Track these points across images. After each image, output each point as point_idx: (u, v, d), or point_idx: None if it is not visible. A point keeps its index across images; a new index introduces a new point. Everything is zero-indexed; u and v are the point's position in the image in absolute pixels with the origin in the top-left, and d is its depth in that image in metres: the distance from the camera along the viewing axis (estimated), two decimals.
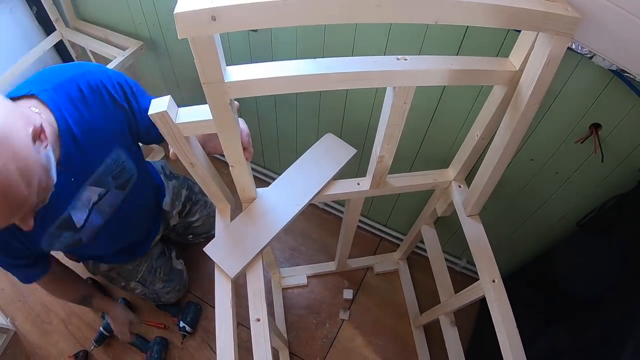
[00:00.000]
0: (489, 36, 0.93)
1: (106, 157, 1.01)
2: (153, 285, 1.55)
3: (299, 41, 1.22)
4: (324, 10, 0.56)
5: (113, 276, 1.48)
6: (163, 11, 1.44)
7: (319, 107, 1.40)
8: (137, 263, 1.49)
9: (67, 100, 0.90)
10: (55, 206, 0.98)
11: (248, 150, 0.87)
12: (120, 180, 1.09)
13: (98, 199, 1.07)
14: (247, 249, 0.97)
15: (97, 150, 0.98)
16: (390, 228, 1.81)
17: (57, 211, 1.00)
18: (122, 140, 1.04)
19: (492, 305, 0.99)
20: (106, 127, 0.98)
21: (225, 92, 0.68)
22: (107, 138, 0.99)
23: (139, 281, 1.51)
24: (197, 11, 0.53)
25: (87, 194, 1.03)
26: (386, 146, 0.92)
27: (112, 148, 1.02)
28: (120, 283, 1.51)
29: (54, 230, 1.03)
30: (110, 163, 1.03)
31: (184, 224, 1.65)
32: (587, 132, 1.00)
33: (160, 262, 1.57)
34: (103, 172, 1.03)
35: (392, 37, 1.05)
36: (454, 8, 0.62)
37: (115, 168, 1.05)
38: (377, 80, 0.74)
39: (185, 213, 1.62)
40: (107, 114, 0.97)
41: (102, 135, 0.98)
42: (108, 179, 1.05)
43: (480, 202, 1.06)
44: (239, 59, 1.41)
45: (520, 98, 0.80)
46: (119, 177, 1.08)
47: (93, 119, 0.94)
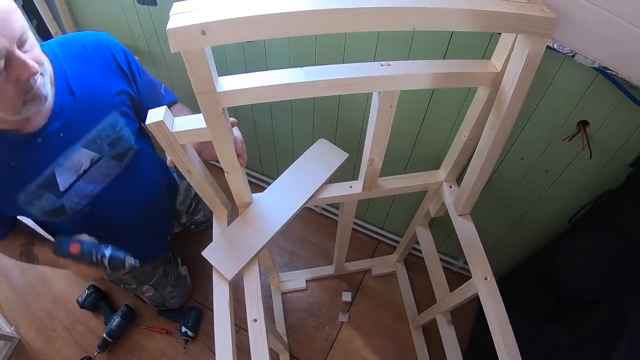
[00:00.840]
0: (475, 38, 0.96)
1: (102, 119, 1.01)
2: (164, 289, 1.58)
3: (291, 50, 1.26)
4: (306, 22, 0.60)
5: (127, 279, 1.50)
6: (160, 23, 1.48)
7: (313, 112, 1.43)
8: (155, 266, 1.52)
9: (68, 54, 0.94)
10: (40, 159, 0.95)
11: (242, 156, 0.90)
12: (116, 149, 1.06)
13: (90, 165, 1.03)
14: (244, 252, 0.99)
15: (93, 109, 0.99)
16: (387, 231, 1.84)
17: (40, 165, 0.96)
18: (121, 107, 1.04)
19: (485, 302, 1.01)
20: (106, 88, 0.99)
21: (217, 101, 0.71)
22: (105, 100, 1.00)
23: (152, 284, 1.54)
24: (188, 27, 0.56)
25: (77, 156, 1.00)
26: (375, 149, 0.95)
27: (110, 111, 1.02)
28: (132, 285, 1.54)
29: (35, 188, 0.97)
30: (107, 127, 1.02)
31: (190, 221, 1.70)
32: (575, 130, 1.01)
33: (170, 266, 1.61)
34: (98, 135, 1.01)
35: (381, 43, 1.08)
36: (429, 15, 0.64)
37: (112, 134, 1.04)
38: (363, 85, 0.77)
39: (191, 211, 1.67)
40: (108, 76, 0.99)
41: (101, 95, 0.99)
42: (103, 144, 1.03)
43: (470, 201, 1.08)
44: (235, 69, 1.44)
45: (503, 98, 0.82)
46: (115, 145, 1.06)
47: (93, 76, 0.96)
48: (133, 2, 1.43)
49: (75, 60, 0.96)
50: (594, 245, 1.17)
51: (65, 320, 1.72)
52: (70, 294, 1.77)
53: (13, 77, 0.77)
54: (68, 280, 1.81)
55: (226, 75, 0.73)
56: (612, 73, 0.85)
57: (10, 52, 0.74)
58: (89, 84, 0.97)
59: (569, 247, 1.28)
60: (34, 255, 1.10)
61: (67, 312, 1.74)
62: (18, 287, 1.82)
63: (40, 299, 1.78)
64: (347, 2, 0.60)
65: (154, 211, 1.35)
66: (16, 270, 1.87)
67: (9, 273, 1.86)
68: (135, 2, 1.42)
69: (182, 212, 1.60)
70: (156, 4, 1.39)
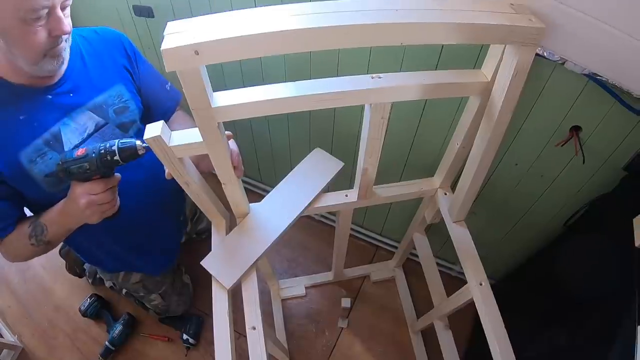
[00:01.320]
0: (466, 48, 0.97)
1: (109, 88, 1.08)
2: (170, 298, 1.60)
3: (286, 64, 1.28)
4: (296, 41, 0.62)
5: (138, 288, 1.52)
6: (157, 35, 1.50)
7: (309, 121, 1.45)
8: (164, 275, 1.54)
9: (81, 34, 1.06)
10: (48, 115, 0.98)
11: (238, 168, 0.92)
12: (121, 118, 1.10)
13: (95, 130, 1.05)
14: (242, 261, 1.01)
15: (100, 76, 1.07)
16: (385, 237, 1.85)
17: (48, 121, 0.98)
18: (127, 81, 1.12)
19: (480, 307, 1.02)
20: (113, 62, 1.09)
21: (212, 116, 0.73)
22: (112, 71, 1.09)
23: (160, 293, 1.56)
24: (181, 47, 0.59)
25: (84, 117, 1.03)
26: (369, 159, 0.96)
27: (116, 82, 1.10)
28: (139, 293, 1.55)
29: (41, 143, 0.97)
30: (113, 95, 1.09)
31: (194, 230, 1.73)
32: (568, 135, 1.02)
33: (177, 275, 1.64)
34: (104, 102, 1.07)
35: (374, 55, 1.10)
36: (416, 30, 0.66)
37: (117, 102, 1.10)
38: (354, 98, 0.79)
39: (195, 219, 1.69)
40: (116, 53, 1.10)
41: (108, 67, 1.08)
42: (109, 110, 1.08)
43: (464, 208, 1.10)
44: (232, 83, 1.48)
45: (493, 107, 0.83)
46: (120, 114, 1.10)
47: (102, 51, 1.08)
48: (130, 13, 1.45)
49: (87, 39, 1.08)
50: (589, 248, 1.18)
51: (68, 329, 1.74)
52: (72, 302, 1.79)
53: (48, 27, 0.85)
54: (70, 289, 1.83)
55: (224, 89, 0.75)
56: (603, 79, 0.86)
57: (54, 6, 0.83)
58: (99, 59, 1.07)
59: (564, 250, 1.29)
60: (42, 225, 1.01)
61: (69, 320, 1.75)
62: (20, 295, 1.84)
63: (42, 308, 1.79)
64: (336, 20, 0.62)
65: (165, 213, 1.37)
66: (18, 278, 1.88)
67: (11, 281, 1.87)
68: (132, 14, 1.45)
69: (188, 219, 1.63)
70: (153, 16, 1.41)
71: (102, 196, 0.93)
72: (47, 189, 1.01)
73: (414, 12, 0.67)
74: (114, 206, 0.98)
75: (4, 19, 0.79)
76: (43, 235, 1.01)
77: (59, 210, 1.00)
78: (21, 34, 0.82)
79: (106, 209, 0.96)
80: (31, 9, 0.79)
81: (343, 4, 0.66)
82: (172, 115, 1.24)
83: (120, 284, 1.52)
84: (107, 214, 0.98)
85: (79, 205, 0.93)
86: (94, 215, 0.95)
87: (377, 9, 0.66)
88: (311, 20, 0.62)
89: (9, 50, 0.86)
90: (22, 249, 1.03)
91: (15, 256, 1.07)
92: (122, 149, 0.88)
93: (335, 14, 0.64)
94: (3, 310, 1.79)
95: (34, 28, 0.82)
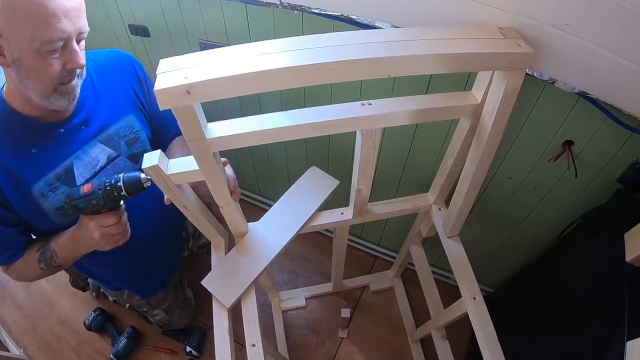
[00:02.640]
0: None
1: (120, 119, 1.08)
2: (173, 312, 1.62)
3: (282, 94, 1.32)
4: (284, 78, 0.64)
5: (141, 304, 1.54)
6: (153, 53, 1.53)
7: (305, 141, 1.48)
8: (167, 291, 1.55)
9: (92, 61, 1.04)
10: (60, 150, 0.99)
11: (235, 192, 0.94)
12: (132, 149, 1.10)
13: (107, 162, 1.06)
14: (241, 280, 1.03)
15: (113, 106, 1.06)
16: (384, 247, 1.87)
17: (60, 156, 0.99)
18: (138, 112, 1.12)
19: (474, 320, 1.04)
20: (125, 91, 1.09)
21: (207, 147, 0.76)
22: (124, 101, 1.09)
23: (164, 309, 1.58)
24: (174, 87, 0.61)
25: (95, 151, 1.04)
26: (362, 180, 0.99)
27: (128, 112, 1.09)
28: (142, 309, 1.57)
29: (53, 178, 0.98)
30: (124, 126, 1.08)
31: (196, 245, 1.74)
32: (561, 149, 1.04)
33: (179, 290, 1.65)
34: (115, 133, 1.07)
35: (366, 81, 1.12)
36: (402, 63, 0.68)
37: (129, 134, 1.09)
38: (345, 126, 0.80)
39: (197, 235, 1.70)
40: (128, 81, 1.09)
41: (120, 96, 1.08)
42: (120, 142, 1.08)
43: (458, 223, 1.12)
44: (231, 112, 1.51)
45: (484, 128, 0.84)
46: (131, 145, 1.10)
47: (114, 79, 1.06)
48: (127, 33, 1.48)
49: (99, 65, 1.06)
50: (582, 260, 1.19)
51: (73, 342, 1.76)
52: (77, 316, 1.81)
53: (63, 60, 0.84)
54: (74, 303, 1.86)
55: (222, 117, 0.78)
56: (593, 97, 0.87)
57: (70, 39, 0.82)
58: (111, 85, 1.06)
59: (559, 262, 1.30)
60: (51, 251, 1.02)
61: (74, 334, 1.77)
62: (25, 309, 1.86)
63: (47, 322, 1.82)
64: (321, 57, 0.64)
65: (167, 231, 1.38)
66: (22, 292, 1.91)
67: (16, 295, 1.90)
68: (129, 33, 1.47)
69: (191, 235, 1.64)
70: (149, 35, 1.44)
71: (114, 228, 0.95)
72: (56, 220, 1.02)
73: (400, 44, 0.69)
74: (126, 235, 1.00)
75: (19, 49, 0.78)
76: (53, 260, 1.03)
77: (69, 237, 1.01)
78: (35, 65, 0.81)
79: (119, 239, 0.99)
80: (48, 40, 0.78)
81: (331, 38, 0.68)
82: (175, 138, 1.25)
83: (124, 301, 1.54)
84: (120, 242, 1.00)
85: (93, 238, 0.95)
86: (107, 244, 0.98)
87: (364, 42, 0.68)
88: (299, 57, 0.64)
89: (21, 81, 0.85)
90: (31, 272, 1.05)
91: (23, 278, 1.09)
92: (128, 184, 0.89)
93: (323, 49, 0.66)
94: (9, 324, 1.81)
95: (48, 60, 0.81)
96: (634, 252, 0.87)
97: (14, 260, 1.02)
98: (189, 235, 1.64)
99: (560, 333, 1.20)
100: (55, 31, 0.78)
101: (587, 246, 1.15)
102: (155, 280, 1.47)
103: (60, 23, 0.78)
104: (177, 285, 1.64)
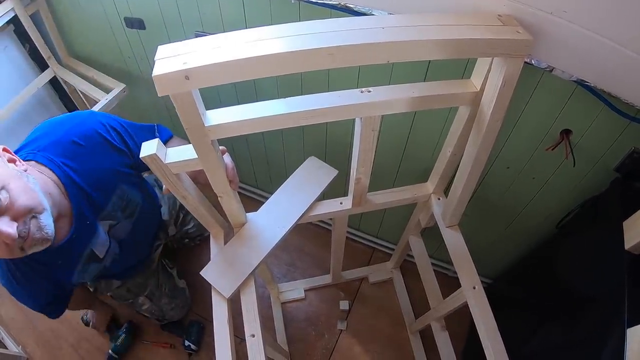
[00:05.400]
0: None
1: (112, 196, 1.10)
2: (159, 300, 1.62)
3: (279, 80, 1.31)
4: (283, 63, 0.63)
5: (122, 293, 1.54)
6: (149, 46, 1.52)
7: (302, 130, 1.47)
8: (146, 276, 1.56)
9: (64, 156, 0.98)
10: (78, 249, 1.09)
11: (234, 182, 0.94)
12: (127, 211, 1.19)
13: (109, 228, 1.16)
14: (240, 270, 1.03)
15: (102, 192, 1.07)
16: (382, 239, 1.87)
17: (80, 252, 1.10)
18: (125, 178, 1.12)
19: (474, 309, 1.05)
20: (107, 169, 1.06)
21: (206, 134, 0.75)
22: (110, 179, 1.08)
23: (147, 295, 1.58)
24: (172, 73, 0.60)
25: (100, 229, 1.12)
26: (361, 169, 0.98)
27: (117, 186, 1.11)
28: (128, 299, 1.57)
29: (82, 265, 1.13)
30: (117, 200, 1.12)
31: (181, 233, 1.74)
32: (558, 138, 1.04)
33: (164, 277, 1.65)
34: (112, 209, 1.12)
35: (364, 68, 1.12)
36: (401, 48, 0.67)
37: (122, 203, 1.15)
38: (344, 113, 0.80)
39: (180, 222, 1.70)
40: (105, 157, 1.05)
41: (105, 178, 1.06)
42: (117, 213, 1.15)
43: (457, 213, 1.12)
44: (227, 100, 1.51)
45: (483, 117, 0.84)
46: (126, 208, 1.18)
47: (93, 165, 1.03)
48: (122, 26, 1.47)
49: (71, 159, 0.99)
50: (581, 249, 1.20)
51: (71, 339, 1.76)
52: (75, 312, 1.80)
53: None
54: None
55: (218, 105, 0.77)
56: (591, 85, 0.87)
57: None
58: (92, 174, 1.03)
59: (557, 251, 1.31)
60: None
61: (72, 330, 1.77)
62: (23, 306, 1.84)
63: (45, 318, 1.79)
64: (320, 42, 0.63)
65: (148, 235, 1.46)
66: None
67: None
68: (124, 26, 1.46)
69: (168, 222, 1.62)
70: (145, 28, 1.43)
71: None
72: None
73: (400, 29, 0.68)
74: None
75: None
76: None
77: None
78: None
79: None
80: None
81: (330, 24, 0.67)
82: None
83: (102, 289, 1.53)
84: None
85: None
86: None
87: (363, 28, 0.67)
88: (298, 42, 0.63)
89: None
90: None
91: None
92: None
93: (322, 34, 0.65)
94: (7, 321, 1.80)
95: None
96: (633, 240, 0.88)
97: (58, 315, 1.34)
98: (167, 223, 1.61)
99: (560, 322, 1.20)
100: None
101: (586, 235, 1.16)
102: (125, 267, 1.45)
103: None
104: (159, 271, 1.63)
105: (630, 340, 0.77)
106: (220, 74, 0.63)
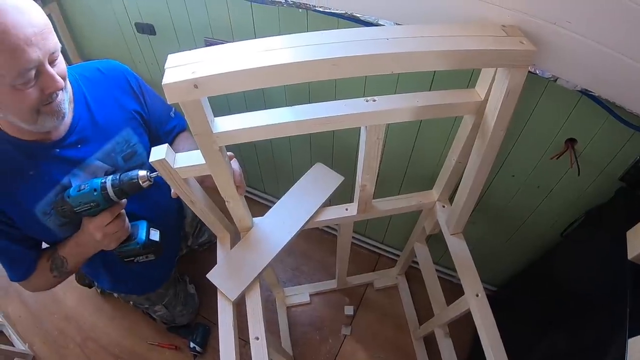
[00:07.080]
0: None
1: (117, 135, 1.07)
2: (174, 308, 1.63)
3: (287, 88, 1.32)
4: (289, 74, 0.65)
5: (141, 300, 1.55)
6: (159, 51, 1.54)
7: (310, 136, 1.49)
8: (166, 287, 1.56)
9: (85, 77, 1.03)
10: (57, 169, 0.99)
11: (241, 187, 0.95)
12: (130, 163, 1.11)
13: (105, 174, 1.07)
14: (246, 274, 1.04)
15: (108, 124, 1.06)
16: (387, 245, 1.88)
17: (57, 175, 0.99)
18: (135, 125, 1.11)
19: (476, 317, 1.05)
20: (120, 106, 1.08)
21: (214, 141, 0.77)
22: (119, 116, 1.08)
23: (165, 304, 1.59)
24: (181, 82, 0.62)
25: (92, 167, 1.04)
26: (366, 176, 0.99)
27: (124, 127, 1.09)
28: (143, 306, 1.59)
29: (53, 196, 0.99)
30: (121, 142, 1.08)
31: (196, 243, 1.76)
32: (563, 147, 1.04)
33: (180, 286, 1.67)
34: (112, 149, 1.07)
35: (370, 77, 1.13)
36: (404, 59, 0.68)
37: (126, 148, 1.10)
38: (350, 121, 0.81)
39: (196, 233, 1.72)
40: (122, 95, 1.08)
41: (116, 112, 1.07)
42: (117, 157, 1.08)
43: (461, 221, 1.12)
44: (236, 107, 1.53)
45: (487, 126, 0.84)
46: (128, 160, 1.11)
47: (108, 95, 1.05)
48: (133, 31, 1.50)
49: (91, 81, 1.04)
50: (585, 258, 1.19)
51: (77, 338, 1.77)
52: (82, 311, 1.83)
53: (39, 87, 0.81)
54: (79, 298, 1.87)
55: (227, 112, 0.79)
56: (595, 95, 0.87)
57: (42, 64, 0.79)
58: (105, 101, 1.05)
59: (562, 259, 1.30)
60: (61, 259, 1.06)
61: (78, 329, 1.79)
62: (31, 305, 1.88)
63: (52, 317, 1.83)
64: (325, 53, 0.65)
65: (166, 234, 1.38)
66: None
67: (22, 291, 1.90)
68: (135, 31, 1.49)
69: (189, 234, 1.66)
70: (155, 33, 1.46)
71: (114, 226, 1.00)
72: (63, 235, 1.06)
73: (404, 40, 0.69)
74: (126, 230, 1.05)
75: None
76: (64, 267, 1.07)
77: (75, 243, 1.05)
78: (11, 99, 0.79)
79: (120, 235, 1.04)
80: (17, 74, 0.75)
81: (335, 34, 0.69)
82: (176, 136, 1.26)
83: (124, 297, 1.55)
84: (122, 238, 1.05)
85: (96, 239, 1.00)
86: (111, 243, 1.03)
87: (368, 39, 0.69)
88: (305, 53, 0.65)
89: (4, 115, 0.84)
90: (45, 282, 1.09)
91: (38, 288, 1.13)
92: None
93: (328, 45, 0.67)
94: (14, 320, 1.83)
95: (24, 92, 0.79)
96: (636, 250, 0.88)
97: (29, 274, 1.06)
98: (188, 234, 1.65)
99: (562, 330, 1.20)
100: (22, 63, 0.75)
101: (590, 244, 1.16)
102: (150, 279, 1.47)
103: (25, 54, 0.75)
104: (176, 281, 1.65)
105: (631, 350, 0.77)
106: (228, 83, 0.64)
